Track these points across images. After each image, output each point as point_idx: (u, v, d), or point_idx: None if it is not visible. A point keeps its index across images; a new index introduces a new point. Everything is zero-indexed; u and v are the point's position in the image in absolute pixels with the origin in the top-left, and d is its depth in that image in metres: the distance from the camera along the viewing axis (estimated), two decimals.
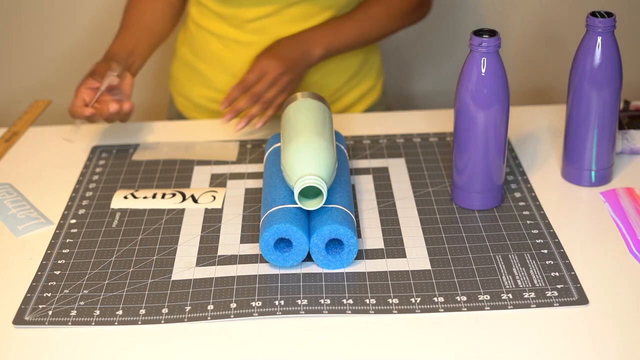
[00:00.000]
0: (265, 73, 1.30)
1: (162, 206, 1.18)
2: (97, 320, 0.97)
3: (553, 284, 1.00)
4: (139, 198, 1.20)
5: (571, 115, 1.17)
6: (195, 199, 1.19)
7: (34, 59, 1.96)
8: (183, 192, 1.21)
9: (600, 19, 1.10)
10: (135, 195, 1.20)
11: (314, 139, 1.08)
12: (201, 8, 1.45)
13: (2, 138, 1.40)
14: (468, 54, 1.08)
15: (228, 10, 1.41)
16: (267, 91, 1.29)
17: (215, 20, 1.44)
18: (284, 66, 1.31)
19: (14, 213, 1.18)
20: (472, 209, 1.15)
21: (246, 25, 1.41)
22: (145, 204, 1.18)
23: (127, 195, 1.20)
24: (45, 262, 1.08)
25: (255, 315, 0.97)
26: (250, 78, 1.29)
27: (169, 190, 1.21)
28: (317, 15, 1.41)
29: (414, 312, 0.97)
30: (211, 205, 1.18)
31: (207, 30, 1.46)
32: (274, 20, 1.40)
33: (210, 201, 1.19)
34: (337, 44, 1.36)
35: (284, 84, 1.30)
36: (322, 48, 1.34)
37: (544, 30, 1.89)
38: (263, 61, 1.31)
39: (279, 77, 1.30)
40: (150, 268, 1.06)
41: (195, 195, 1.20)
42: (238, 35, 1.42)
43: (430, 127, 1.38)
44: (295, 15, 1.40)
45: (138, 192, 1.21)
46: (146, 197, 1.20)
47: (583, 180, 1.20)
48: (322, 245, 1.03)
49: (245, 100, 1.29)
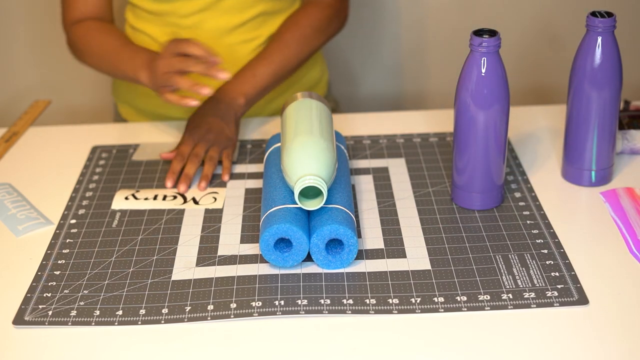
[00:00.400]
0: (197, 141, 1.28)
1: (163, 207, 1.18)
2: (97, 321, 0.97)
3: (553, 284, 1.00)
4: (139, 199, 1.20)
5: (571, 115, 1.17)
6: (197, 201, 1.19)
7: (34, 59, 1.96)
8: (184, 195, 1.21)
9: (600, 19, 1.10)
10: (137, 196, 1.20)
11: (314, 139, 1.08)
12: (136, 11, 1.44)
13: (2, 138, 1.40)
14: (468, 54, 1.08)
15: (164, 7, 1.40)
16: (197, 149, 1.27)
17: (151, 21, 1.43)
18: (214, 129, 1.29)
19: (14, 213, 1.18)
20: (472, 209, 1.15)
21: (182, 22, 1.41)
22: (145, 205, 1.18)
23: (128, 196, 1.20)
24: (45, 262, 1.08)
25: (255, 316, 0.97)
26: (185, 149, 1.27)
27: (170, 192, 1.21)
28: (252, 7, 1.41)
29: (414, 312, 0.97)
30: (212, 205, 1.18)
31: (144, 33, 1.45)
32: (209, 14, 1.40)
33: (211, 202, 1.18)
34: (256, 90, 1.35)
35: (210, 141, 1.28)
36: (243, 97, 1.34)
37: (544, 30, 1.89)
38: (188, 132, 1.30)
39: (206, 138, 1.29)
40: (150, 268, 1.06)
41: (196, 197, 1.20)
42: (174, 33, 1.42)
43: (430, 127, 1.38)
44: (230, 7, 1.40)
45: (139, 193, 1.21)
46: (147, 198, 1.20)
47: (583, 180, 1.20)
48: (322, 245, 1.02)
49: (177, 161, 1.26)
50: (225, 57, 1.42)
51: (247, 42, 1.44)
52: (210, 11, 1.40)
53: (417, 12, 1.89)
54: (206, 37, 1.41)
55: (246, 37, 1.43)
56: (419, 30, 1.89)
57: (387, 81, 1.97)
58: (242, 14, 1.41)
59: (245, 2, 1.40)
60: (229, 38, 1.42)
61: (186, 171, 1.23)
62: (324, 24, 1.43)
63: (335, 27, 1.46)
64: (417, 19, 1.90)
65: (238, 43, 1.43)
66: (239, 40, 1.43)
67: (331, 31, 1.45)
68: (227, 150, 1.28)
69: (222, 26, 1.41)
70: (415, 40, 1.92)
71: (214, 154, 1.26)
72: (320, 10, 1.42)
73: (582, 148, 1.17)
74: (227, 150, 1.28)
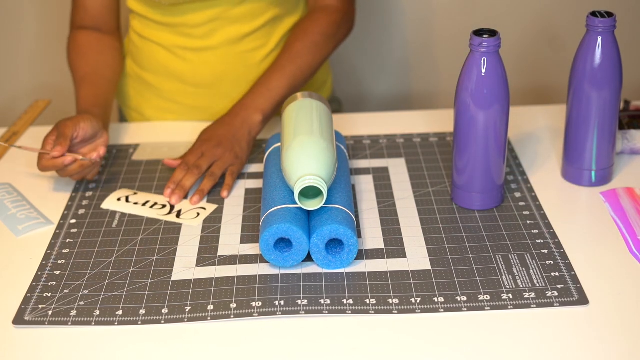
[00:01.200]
0: (205, 151, 1.26)
1: (147, 214, 1.16)
2: (97, 321, 0.97)
3: (553, 284, 1.00)
4: (130, 202, 1.18)
5: (571, 115, 1.17)
6: (179, 214, 1.16)
7: (34, 59, 1.96)
8: (172, 205, 1.19)
9: (600, 19, 1.10)
10: (129, 199, 1.19)
11: (314, 139, 1.08)
12: (144, 20, 1.43)
13: (2, 138, 1.40)
14: (468, 54, 1.08)
15: (173, 20, 1.39)
16: (200, 161, 1.25)
17: (159, 30, 1.42)
18: (224, 144, 1.26)
19: (14, 213, 1.18)
20: (472, 209, 1.15)
21: (193, 32, 1.40)
22: (133, 210, 1.17)
23: (121, 197, 1.19)
24: (45, 262, 1.08)
25: (255, 316, 0.97)
26: (190, 159, 1.25)
27: (163, 200, 1.19)
28: (264, 13, 1.40)
29: (414, 312, 0.97)
30: (190, 222, 1.14)
31: (151, 41, 1.43)
32: (220, 23, 1.39)
33: (193, 217, 1.16)
34: (272, 104, 1.33)
35: (216, 156, 1.25)
36: (260, 113, 1.31)
37: (544, 30, 1.89)
38: (203, 143, 1.27)
39: (213, 152, 1.26)
40: (150, 268, 1.06)
41: (181, 210, 1.17)
42: (185, 42, 1.41)
43: (430, 127, 1.38)
44: (241, 16, 1.39)
45: (134, 197, 1.19)
46: (137, 202, 1.18)
47: (583, 180, 1.20)
48: (322, 245, 1.02)
49: (180, 170, 1.24)
50: (238, 65, 1.42)
51: (259, 48, 1.42)
52: (221, 20, 1.39)
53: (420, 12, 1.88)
54: (218, 45, 1.40)
55: (257, 44, 1.42)
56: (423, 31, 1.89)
57: (391, 82, 1.97)
58: (253, 22, 1.40)
59: (255, 9, 1.39)
60: (241, 46, 1.41)
61: (183, 182, 1.21)
62: (333, 29, 1.41)
63: (344, 31, 1.45)
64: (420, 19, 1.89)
65: (249, 50, 1.42)
66: (250, 48, 1.42)
67: (341, 36, 1.44)
68: (233, 168, 1.25)
69: (233, 35, 1.40)
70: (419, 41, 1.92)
71: (217, 171, 1.23)
72: (327, 16, 1.41)
73: (582, 148, 1.17)
74: (232, 167, 1.25)
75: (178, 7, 1.37)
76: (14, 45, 1.94)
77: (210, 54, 1.41)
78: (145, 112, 1.50)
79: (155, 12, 1.40)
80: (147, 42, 1.44)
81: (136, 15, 1.44)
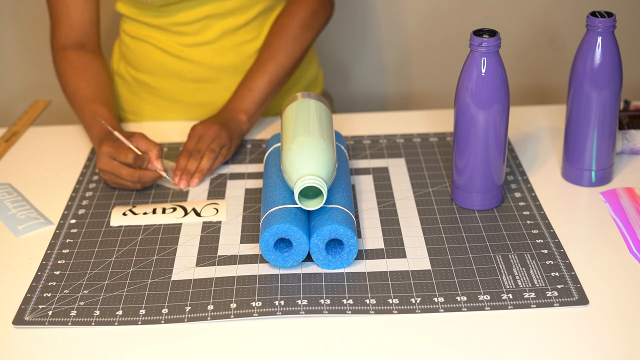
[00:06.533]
0: (202, 134, 1.28)
1: (163, 221, 1.15)
2: (97, 321, 0.97)
3: (553, 284, 1.00)
4: (138, 214, 1.16)
5: (571, 115, 1.17)
6: (198, 212, 1.16)
7: (34, 59, 1.96)
8: (184, 207, 1.18)
9: (600, 19, 1.10)
10: (134, 211, 1.17)
11: (314, 139, 1.08)
12: (135, 23, 1.43)
13: (2, 138, 1.40)
14: (468, 54, 1.08)
15: (166, 20, 1.40)
16: (199, 145, 1.27)
17: (152, 30, 1.42)
18: (217, 125, 1.29)
19: (14, 213, 1.18)
20: (472, 209, 1.15)
21: (187, 30, 1.41)
22: (145, 220, 1.15)
23: (126, 212, 1.17)
24: (45, 262, 1.08)
25: (255, 316, 0.97)
26: (190, 145, 1.27)
27: (168, 205, 1.19)
28: (255, 5, 1.41)
29: (414, 312, 0.97)
30: (214, 218, 1.15)
31: (145, 42, 1.43)
32: (213, 19, 1.40)
33: (213, 214, 1.16)
34: (255, 103, 1.35)
35: (213, 137, 1.28)
36: (244, 114, 1.34)
37: (544, 30, 1.89)
38: (197, 127, 1.30)
39: (209, 134, 1.28)
40: (150, 268, 1.06)
41: (196, 208, 1.17)
42: (180, 39, 1.41)
43: (430, 127, 1.38)
44: (234, 9, 1.40)
45: (136, 208, 1.18)
46: (146, 212, 1.17)
47: (583, 180, 1.20)
48: (322, 246, 1.03)
49: (183, 157, 1.26)
50: (234, 57, 1.43)
51: (253, 40, 1.43)
52: (213, 17, 1.39)
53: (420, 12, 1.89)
54: (213, 39, 1.41)
55: (252, 36, 1.43)
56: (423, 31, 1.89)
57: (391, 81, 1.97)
58: (244, 14, 1.41)
59: (246, 2, 1.40)
60: (236, 38, 1.42)
61: (188, 166, 1.24)
62: (310, 19, 1.42)
63: (322, 18, 1.45)
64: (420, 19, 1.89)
65: (244, 42, 1.43)
66: (245, 40, 1.43)
67: (319, 23, 1.44)
68: (223, 150, 1.27)
69: (227, 28, 1.41)
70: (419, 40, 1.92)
71: (215, 147, 1.26)
72: (304, 7, 1.42)
73: (582, 148, 1.18)
74: (223, 149, 1.27)
75: (169, 7, 1.37)
76: (14, 45, 1.94)
77: (207, 49, 1.41)
78: (143, 114, 1.50)
79: (146, 14, 1.40)
80: (140, 43, 1.44)
81: (127, 19, 1.44)
